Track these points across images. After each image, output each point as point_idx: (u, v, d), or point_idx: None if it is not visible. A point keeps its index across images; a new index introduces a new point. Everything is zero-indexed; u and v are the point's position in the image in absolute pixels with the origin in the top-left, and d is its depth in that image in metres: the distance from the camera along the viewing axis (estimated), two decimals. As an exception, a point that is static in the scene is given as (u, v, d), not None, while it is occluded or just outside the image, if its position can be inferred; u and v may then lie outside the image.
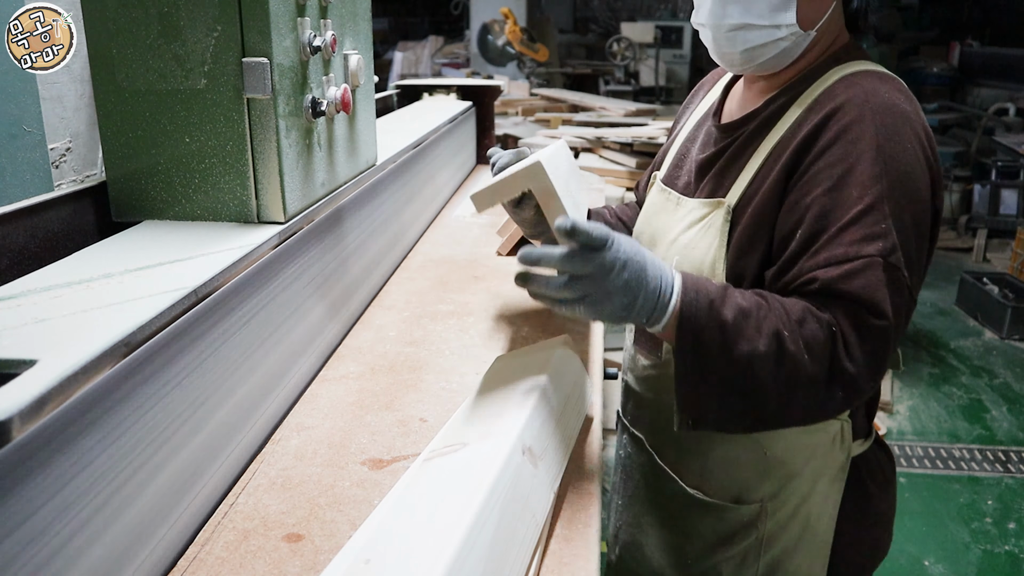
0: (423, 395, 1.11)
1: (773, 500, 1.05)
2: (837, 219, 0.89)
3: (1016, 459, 3.41)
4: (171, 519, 0.76)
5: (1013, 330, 4.60)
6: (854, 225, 0.88)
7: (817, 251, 0.90)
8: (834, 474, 1.05)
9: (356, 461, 0.95)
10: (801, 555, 1.06)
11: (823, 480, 1.05)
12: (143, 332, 0.69)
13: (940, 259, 6.17)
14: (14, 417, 0.53)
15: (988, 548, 2.83)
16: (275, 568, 0.76)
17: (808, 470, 1.04)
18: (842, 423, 1.04)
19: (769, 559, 1.07)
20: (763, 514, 1.05)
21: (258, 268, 0.95)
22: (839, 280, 0.87)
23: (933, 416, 3.76)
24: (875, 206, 0.88)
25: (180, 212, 1.01)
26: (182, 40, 0.94)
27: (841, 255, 0.88)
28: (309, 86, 1.07)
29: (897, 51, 9.29)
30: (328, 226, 1.21)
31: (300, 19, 1.03)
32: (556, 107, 4.92)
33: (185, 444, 0.78)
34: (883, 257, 0.87)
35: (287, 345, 1.05)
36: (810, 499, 1.05)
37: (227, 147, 0.97)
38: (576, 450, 0.98)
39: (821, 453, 1.03)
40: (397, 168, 1.62)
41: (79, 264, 0.84)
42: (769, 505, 1.05)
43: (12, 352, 0.62)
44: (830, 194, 0.90)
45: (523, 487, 0.78)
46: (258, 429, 0.96)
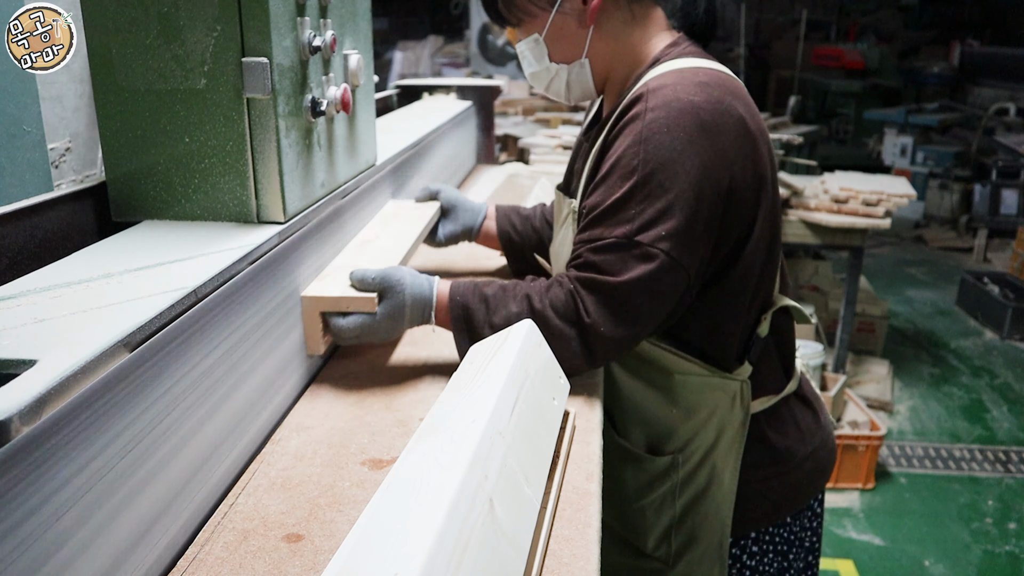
0: (423, 395, 1.11)
1: (682, 452, 1.21)
2: (599, 204, 1.08)
3: (1016, 459, 3.41)
4: (171, 519, 0.76)
5: (1013, 330, 4.60)
6: (611, 211, 1.07)
7: (585, 227, 1.10)
8: (736, 428, 1.19)
9: (356, 461, 0.95)
10: (709, 499, 1.22)
11: (726, 434, 1.19)
12: (143, 332, 0.69)
13: (940, 259, 6.17)
14: (14, 417, 0.53)
15: (988, 548, 2.83)
16: (275, 568, 0.76)
17: (711, 425, 1.19)
18: (741, 383, 1.17)
19: (683, 503, 1.22)
20: (675, 465, 1.21)
21: (258, 268, 0.95)
22: (591, 253, 1.08)
23: (933, 416, 3.76)
24: (630, 194, 1.05)
25: (180, 212, 1.01)
26: (182, 40, 0.94)
27: (597, 235, 1.08)
28: (309, 86, 1.07)
29: (897, 51, 9.30)
30: (328, 226, 1.21)
31: (300, 19, 1.03)
32: (556, 107, 4.92)
33: (185, 444, 0.78)
34: (627, 238, 1.05)
35: (287, 345, 1.05)
36: (715, 450, 1.20)
37: (227, 147, 0.97)
38: (576, 450, 0.98)
39: (722, 410, 1.18)
40: (397, 168, 1.62)
41: (79, 264, 0.84)
42: (679, 456, 1.21)
43: (12, 352, 0.62)
44: (603, 182, 1.10)
45: (500, 468, 0.77)
46: (258, 429, 0.96)
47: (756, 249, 1.13)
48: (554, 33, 1.18)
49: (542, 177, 2.34)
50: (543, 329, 1.05)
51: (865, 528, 2.93)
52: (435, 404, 0.90)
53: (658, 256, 1.04)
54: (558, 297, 1.08)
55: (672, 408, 1.20)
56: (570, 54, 1.19)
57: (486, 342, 1.02)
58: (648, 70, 1.15)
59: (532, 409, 0.88)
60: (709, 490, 1.21)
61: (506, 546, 0.69)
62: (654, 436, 1.23)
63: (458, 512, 0.64)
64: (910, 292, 5.42)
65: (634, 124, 1.07)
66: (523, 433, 0.83)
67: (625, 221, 1.05)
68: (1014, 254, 5.26)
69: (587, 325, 1.06)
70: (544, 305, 1.08)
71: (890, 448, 3.44)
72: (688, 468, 1.21)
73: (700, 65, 1.12)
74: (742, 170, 1.09)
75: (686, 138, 1.04)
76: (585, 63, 1.19)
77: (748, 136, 1.09)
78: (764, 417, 1.22)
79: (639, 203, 1.05)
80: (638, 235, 1.04)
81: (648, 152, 1.05)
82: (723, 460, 1.20)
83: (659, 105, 1.06)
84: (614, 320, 1.06)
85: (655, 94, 1.08)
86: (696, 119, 1.05)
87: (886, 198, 3.46)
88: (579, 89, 1.23)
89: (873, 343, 4.17)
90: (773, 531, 1.28)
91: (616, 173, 1.08)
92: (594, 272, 1.07)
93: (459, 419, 0.81)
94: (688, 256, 1.06)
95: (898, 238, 6.63)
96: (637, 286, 1.05)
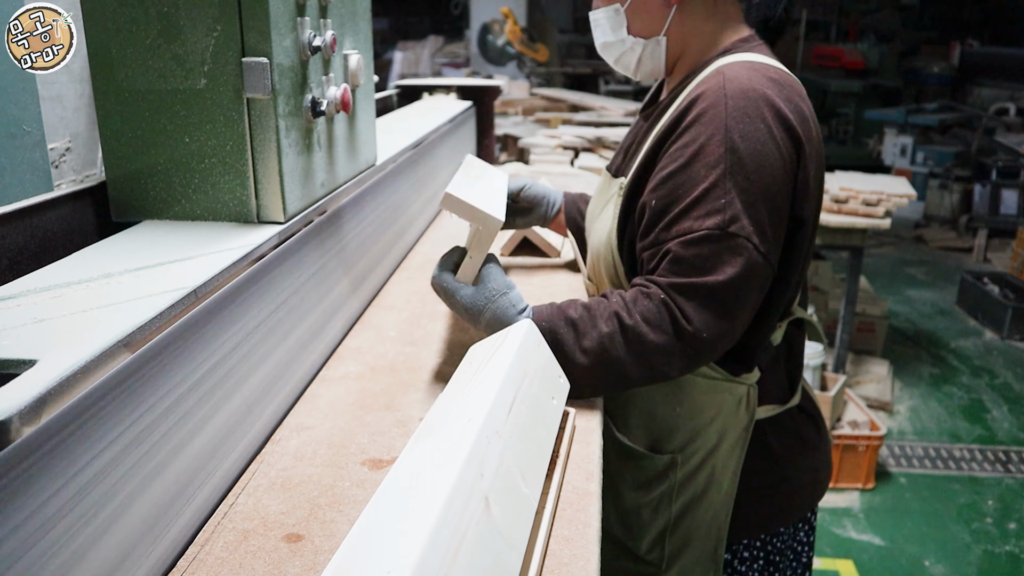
0: (423, 395, 1.11)
1: (683, 452, 1.19)
2: (686, 195, 1.04)
3: (1016, 459, 3.41)
4: (171, 519, 0.76)
5: (1013, 330, 4.60)
6: (699, 202, 1.02)
7: (669, 223, 1.05)
8: (739, 433, 1.18)
9: (356, 461, 0.95)
10: (707, 503, 1.20)
11: (728, 437, 1.18)
12: (143, 332, 0.69)
13: (940, 259, 6.17)
14: (14, 417, 0.53)
15: (988, 548, 2.83)
16: (275, 568, 0.76)
17: (714, 427, 1.17)
18: (748, 388, 1.16)
19: (680, 505, 1.21)
20: (675, 464, 1.20)
21: (258, 268, 0.95)
22: (681, 248, 1.03)
23: (933, 416, 3.76)
24: (718, 183, 1.01)
25: (180, 212, 1.01)
26: (182, 40, 0.94)
27: (687, 228, 1.03)
28: (309, 86, 1.07)
29: (897, 51, 9.30)
30: (328, 226, 1.21)
31: (300, 19, 1.03)
32: (556, 107, 4.92)
33: (185, 444, 0.78)
34: (720, 229, 1.00)
35: (287, 345, 1.05)
36: (716, 454, 1.18)
37: (227, 147, 0.97)
38: (576, 450, 0.98)
39: (726, 413, 1.17)
40: (397, 168, 1.62)
41: (79, 264, 0.84)
42: (679, 456, 1.19)
43: (12, 352, 0.61)
44: (682, 171, 1.05)
45: (497, 465, 0.77)
46: (258, 429, 0.96)
47: (799, 252, 1.12)
48: (637, 5, 1.17)
49: (542, 177, 2.34)
50: (639, 345, 1.02)
51: (865, 528, 2.93)
52: (434, 404, 0.90)
53: (750, 249, 1.01)
54: (649, 309, 1.03)
55: (677, 407, 1.18)
56: (649, 29, 1.18)
57: (485, 342, 1.02)
58: (718, 58, 1.14)
59: (530, 408, 0.88)
60: (707, 494, 1.20)
61: (502, 544, 0.69)
62: (656, 434, 1.21)
63: (453, 510, 0.64)
64: (910, 292, 5.42)
65: (714, 112, 1.04)
66: (521, 432, 0.83)
67: (716, 212, 1.01)
68: (1014, 254, 5.25)
69: (690, 334, 1.01)
70: (636, 321, 1.02)
71: (890, 448, 3.44)
72: (688, 469, 1.20)
73: (770, 63, 1.12)
74: (804, 171, 1.07)
75: (767, 130, 1.03)
76: (662, 41, 1.18)
77: (811, 139, 1.09)
78: (767, 425, 1.21)
79: (727, 193, 1.01)
80: (730, 226, 1.00)
81: (734, 141, 1.02)
82: (723, 464, 1.19)
83: (737, 94, 1.04)
84: (718, 323, 1.02)
85: (732, 83, 1.05)
86: (774, 112, 1.04)
87: (886, 198, 3.46)
88: (650, 66, 1.22)
89: (873, 343, 4.17)
90: (766, 539, 1.28)
91: (699, 162, 1.03)
92: (689, 274, 1.02)
93: (456, 418, 0.81)
94: (772, 251, 1.04)
95: (898, 238, 6.63)
96: (736, 284, 1.01)
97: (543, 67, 7.01)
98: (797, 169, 1.06)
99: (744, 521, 1.23)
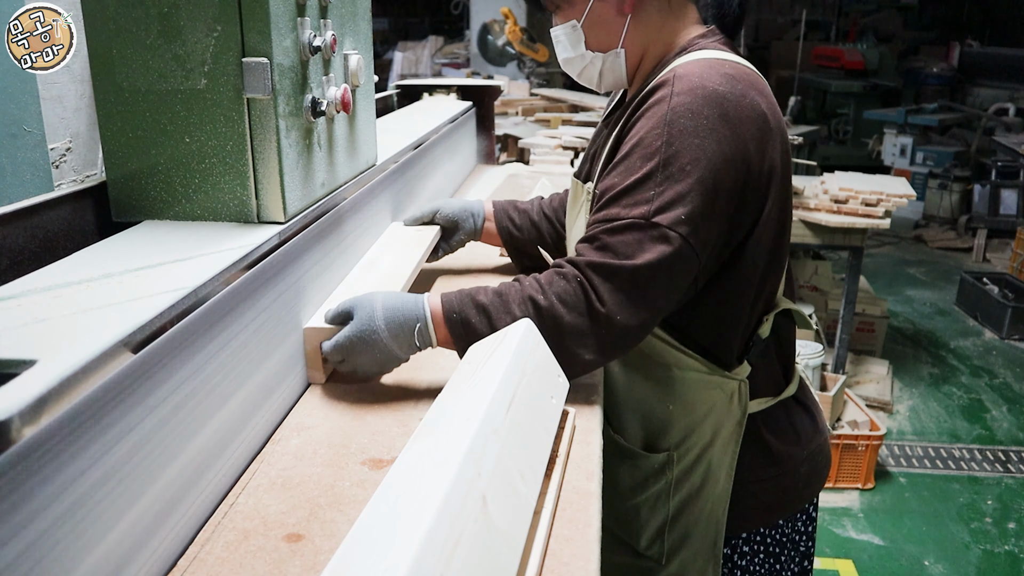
0: (423, 395, 1.11)
1: (678, 449, 1.20)
2: (619, 184, 1.06)
3: (1016, 459, 3.41)
4: (171, 519, 0.76)
5: (1013, 330, 4.60)
6: (629, 191, 1.05)
7: (601, 207, 1.07)
8: (732, 427, 1.19)
9: (356, 461, 0.95)
10: (704, 498, 1.21)
11: (722, 432, 1.19)
12: (143, 332, 0.69)
13: (940, 259, 6.17)
14: (14, 417, 0.53)
15: (988, 548, 2.83)
16: (275, 568, 0.76)
17: (708, 423, 1.18)
18: (739, 383, 1.17)
19: (677, 501, 1.22)
20: (671, 462, 1.21)
21: (258, 268, 0.95)
22: (606, 234, 1.04)
23: (933, 416, 3.76)
24: (651, 175, 1.04)
25: (180, 212, 1.01)
26: (182, 40, 0.94)
27: (614, 215, 1.05)
28: (309, 86, 1.07)
29: (897, 51, 9.29)
30: (328, 226, 1.21)
31: (300, 19, 1.03)
32: (556, 107, 4.92)
33: (186, 444, 0.78)
34: (645, 219, 1.02)
35: (287, 345, 1.05)
36: (711, 449, 1.19)
37: (227, 147, 0.97)
38: (576, 450, 0.98)
39: (719, 408, 1.18)
40: (397, 168, 1.62)
41: (79, 264, 0.84)
42: (675, 454, 1.21)
43: (12, 352, 0.62)
44: (621, 162, 1.08)
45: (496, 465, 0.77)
46: (258, 429, 0.96)
47: (760, 246, 1.13)
48: (592, 20, 1.18)
49: (542, 177, 2.34)
50: (555, 328, 1.02)
51: (865, 528, 2.93)
52: (434, 404, 0.90)
53: (675, 239, 1.02)
54: (565, 290, 1.03)
55: (669, 404, 1.19)
56: (606, 42, 1.19)
57: (485, 341, 1.02)
58: (675, 57, 1.15)
59: (529, 407, 0.88)
60: (704, 489, 1.21)
61: (499, 543, 0.69)
62: (650, 432, 1.22)
63: (449, 509, 0.64)
64: (910, 292, 5.42)
65: (658, 107, 1.06)
66: (519, 431, 0.83)
67: (644, 202, 1.03)
68: (1014, 254, 5.26)
69: (601, 315, 1.02)
70: (552, 302, 1.03)
71: (890, 448, 3.45)
72: (683, 466, 1.20)
73: (727, 58, 1.13)
74: (758, 165, 1.08)
75: (709, 125, 1.04)
76: (620, 52, 1.19)
77: (767, 132, 1.09)
78: (761, 418, 1.22)
79: (659, 184, 1.03)
80: (656, 216, 1.02)
81: (672, 135, 1.04)
82: (719, 459, 1.20)
83: (685, 91, 1.05)
84: (631, 307, 1.02)
85: (681, 80, 1.07)
86: (720, 108, 1.05)
87: (886, 198, 3.46)
88: (612, 78, 1.24)
89: (873, 343, 4.17)
90: (765, 532, 1.28)
91: (637, 153, 1.06)
92: (609, 256, 1.03)
93: (454, 417, 0.81)
94: (701, 244, 1.04)
95: (898, 238, 6.63)
96: (654, 270, 1.02)
97: (543, 67, 7.00)
98: (748, 164, 1.06)
99: (743, 515, 1.24)
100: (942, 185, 6.74)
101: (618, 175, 1.07)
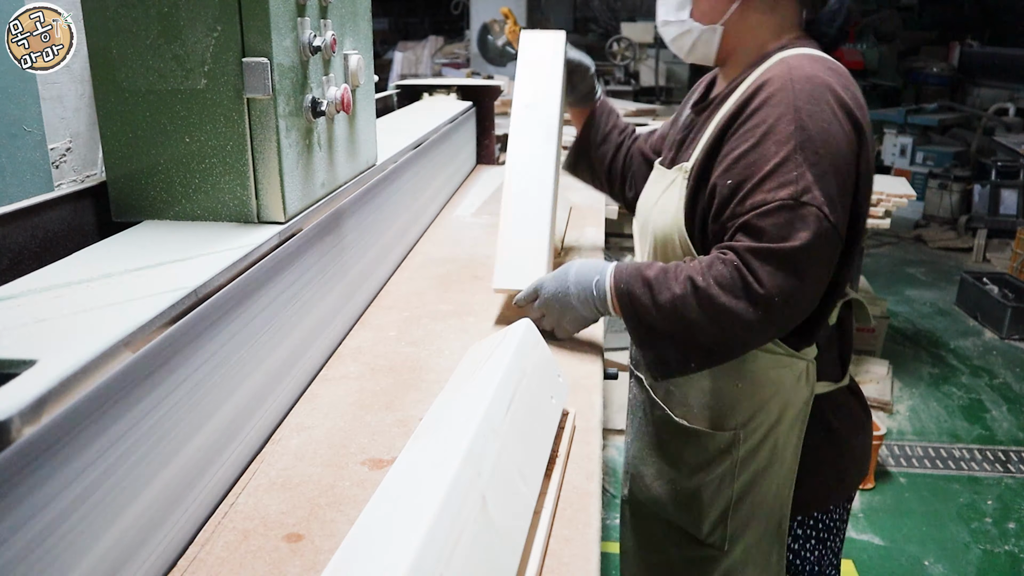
0: (423, 395, 1.11)
1: (745, 428, 1.22)
2: (758, 171, 1.08)
3: (1016, 459, 3.41)
4: (171, 519, 0.76)
5: (1013, 330, 4.60)
6: (771, 175, 1.07)
7: (743, 198, 1.09)
8: (799, 407, 1.21)
9: (356, 461, 0.95)
10: (769, 478, 1.22)
11: (789, 412, 1.21)
12: (143, 332, 0.69)
13: (940, 259, 6.17)
14: (14, 417, 0.53)
15: (988, 548, 2.83)
16: (275, 568, 0.76)
17: (775, 402, 1.20)
18: (807, 363, 1.20)
19: (742, 482, 1.23)
20: (737, 440, 1.22)
21: (258, 268, 0.95)
22: (757, 219, 1.07)
23: (933, 416, 3.76)
24: (789, 158, 1.06)
25: (180, 212, 1.01)
26: (182, 40, 0.94)
27: (760, 200, 1.07)
28: (309, 86, 1.07)
29: (897, 51, 9.29)
30: (328, 226, 1.21)
31: (300, 19, 1.03)
32: (556, 107, 4.91)
33: (186, 444, 0.78)
34: (794, 199, 1.05)
35: (287, 345, 1.05)
36: (777, 428, 1.21)
37: (227, 147, 0.97)
38: (576, 450, 0.98)
39: (787, 387, 1.20)
40: (397, 168, 1.62)
41: (79, 264, 0.84)
42: (742, 432, 1.22)
43: (12, 352, 0.61)
44: (753, 150, 1.10)
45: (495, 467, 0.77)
46: (258, 429, 0.96)
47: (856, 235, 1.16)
48: None
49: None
50: (708, 308, 1.07)
51: (865, 528, 2.93)
52: (434, 403, 0.90)
53: (822, 220, 1.05)
54: (722, 273, 1.07)
55: (738, 382, 1.21)
56: (710, 16, 1.23)
57: (485, 341, 1.02)
58: (778, 51, 1.19)
59: (528, 407, 0.88)
60: (770, 469, 1.22)
61: (499, 542, 0.69)
62: (717, 411, 1.23)
63: (449, 509, 0.64)
64: (910, 292, 5.42)
65: (781, 94, 1.09)
66: (519, 431, 0.83)
67: (788, 183, 1.05)
68: (1013, 254, 5.26)
69: (762, 297, 1.05)
70: (709, 283, 1.07)
71: (890, 448, 3.44)
72: (750, 445, 1.22)
73: (826, 56, 1.17)
74: (864, 155, 1.12)
75: (832, 113, 1.08)
76: (718, 29, 1.23)
77: (867, 128, 1.14)
78: (825, 401, 1.24)
79: (799, 166, 1.06)
80: (803, 196, 1.05)
81: (802, 119, 1.07)
82: (785, 438, 1.21)
83: (803, 79, 1.10)
84: (789, 288, 1.05)
85: (796, 70, 1.11)
86: (837, 99, 1.09)
87: (886, 198, 3.46)
88: (702, 52, 1.27)
89: (873, 343, 4.17)
90: (818, 516, 1.30)
91: (769, 140, 1.08)
92: (765, 240, 1.06)
93: (454, 418, 0.81)
94: (841, 223, 1.08)
95: (898, 238, 6.63)
96: (808, 250, 1.04)
97: (543, 67, 6.99)
98: (859, 151, 1.11)
99: (802, 497, 1.26)
100: (942, 185, 6.74)
101: (750, 164, 1.10)
